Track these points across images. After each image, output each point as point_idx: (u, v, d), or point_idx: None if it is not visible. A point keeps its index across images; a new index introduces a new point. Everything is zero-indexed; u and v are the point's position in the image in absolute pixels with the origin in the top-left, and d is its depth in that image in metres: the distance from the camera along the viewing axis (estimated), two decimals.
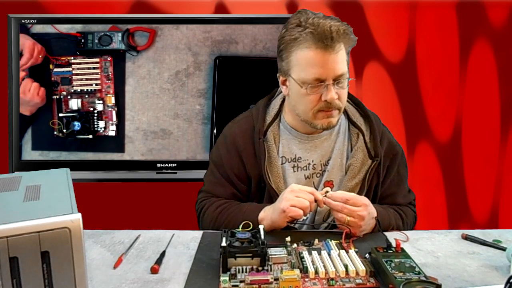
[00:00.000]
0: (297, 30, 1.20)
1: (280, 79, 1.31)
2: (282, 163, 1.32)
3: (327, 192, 1.19)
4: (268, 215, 1.21)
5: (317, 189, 1.31)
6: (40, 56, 1.87)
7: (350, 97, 1.37)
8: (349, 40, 1.22)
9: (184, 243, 1.19)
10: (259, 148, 1.30)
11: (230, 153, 1.34)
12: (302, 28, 1.19)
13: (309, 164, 1.33)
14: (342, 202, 1.16)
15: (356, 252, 1.06)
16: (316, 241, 1.15)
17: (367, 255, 1.05)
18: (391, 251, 1.03)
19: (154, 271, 1.04)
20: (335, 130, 1.34)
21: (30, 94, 1.87)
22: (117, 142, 1.94)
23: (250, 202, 1.35)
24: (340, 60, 1.20)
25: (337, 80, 1.21)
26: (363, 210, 1.16)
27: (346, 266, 0.99)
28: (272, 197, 1.29)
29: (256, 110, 1.36)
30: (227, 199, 1.34)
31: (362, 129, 1.33)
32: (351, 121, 1.35)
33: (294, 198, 1.16)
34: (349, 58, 1.25)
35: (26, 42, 1.86)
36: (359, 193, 1.29)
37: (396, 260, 0.99)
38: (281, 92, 1.37)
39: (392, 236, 1.17)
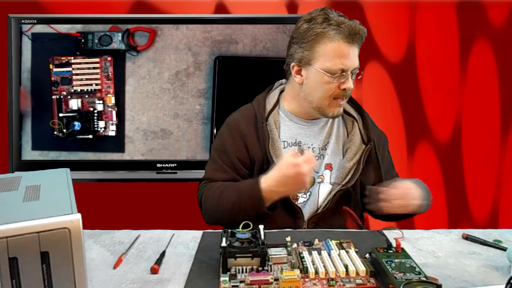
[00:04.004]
0: (326, 25, 1.33)
1: (294, 68, 1.39)
2: (284, 147, 1.40)
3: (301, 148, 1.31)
4: (278, 189, 1.27)
5: (316, 172, 1.40)
6: None
7: None
8: (363, 40, 1.38)
9: (184, 243, 1.19)
10: (263, 132, 1.38)
11: (233, 138, 1.41)
12: (334, 24, 1.32)
13: (308, 148, 1.42)
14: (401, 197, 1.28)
15: (356, 252, 1.06)
16: (316, 241, 1.15)
17: (367, 255, 1.05)
18: (391, 251, 1.03)
19: (154, 271, 1.04)
20: (330, 119, 1.45)
21: None
22: (117, 142, 1.94)
23: None
24: (357, 54, 1.36)
25: (353, 72, 1.36)
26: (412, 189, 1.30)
27: (346, 266, 0.99)
28: None
29: (256, 101, 1.46)
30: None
31: (356, 117, 1.46)
32: (344, 111, 1.47)
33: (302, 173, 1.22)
34: None
35: None
36: (355, 172, 1.39)
37: (396, 260, 0.99)
38: (279, 85, 1.49)
39: (392, 236, 1.17)
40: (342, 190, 1.37)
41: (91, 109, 1.92)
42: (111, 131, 1.93)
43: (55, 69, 1.90)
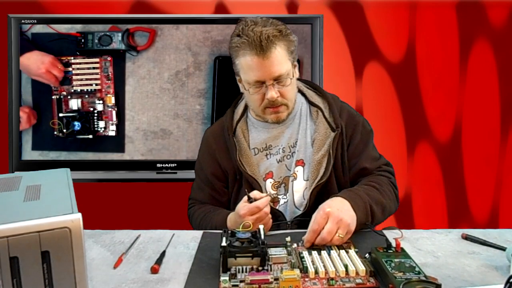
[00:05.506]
0: (236, 39, 1.32)
1: (237, 79, 1.42)
2: (255, 154, 1.41)
3: (269, 194, 1.24)
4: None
5: (289, 170, 1.39)
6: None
7: (308, 83, 1.50)
8: (285, 42, 1.31)
9: (184, 243, 1.19)
10: (230, 143, 1.40)
11: (205, 155, 1.47)
12: (240, 37, 1.31)
13: (279, 149, 1.41)
14: (316, 234, 1.12)
15: (356, 252, 1.06)
16: None
17: (367, 255, 1.05)
18: (391, 251, 1.03)
19: (154, 271, 1.04)
20: (297, 114, 1.43)
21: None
22: (117, 142, 1.94)
23: (229, 196, 1.43)
24: (276, 62, 1.29)
25: (277, 80, 1.31)
26: (333, 216, 1.12)
27: (346, 266, 0.99)
28: (250, 183, 1.35)
29: (225, 114, 1.48)
30: (207, 202, 1.45)
31: (320, 106, 1.42)
32: (310, 103, 1.44)
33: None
34: (294, 56, 1.34)
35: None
36: (327, 164, 1.33)
37: (396, 260, 0.99)
38: None
39: (392, 236, 1.18)
40: (318, 187, 1.32)
41: (91, 109, 1.92)
42: (111, 131, 1.93)
43: None
